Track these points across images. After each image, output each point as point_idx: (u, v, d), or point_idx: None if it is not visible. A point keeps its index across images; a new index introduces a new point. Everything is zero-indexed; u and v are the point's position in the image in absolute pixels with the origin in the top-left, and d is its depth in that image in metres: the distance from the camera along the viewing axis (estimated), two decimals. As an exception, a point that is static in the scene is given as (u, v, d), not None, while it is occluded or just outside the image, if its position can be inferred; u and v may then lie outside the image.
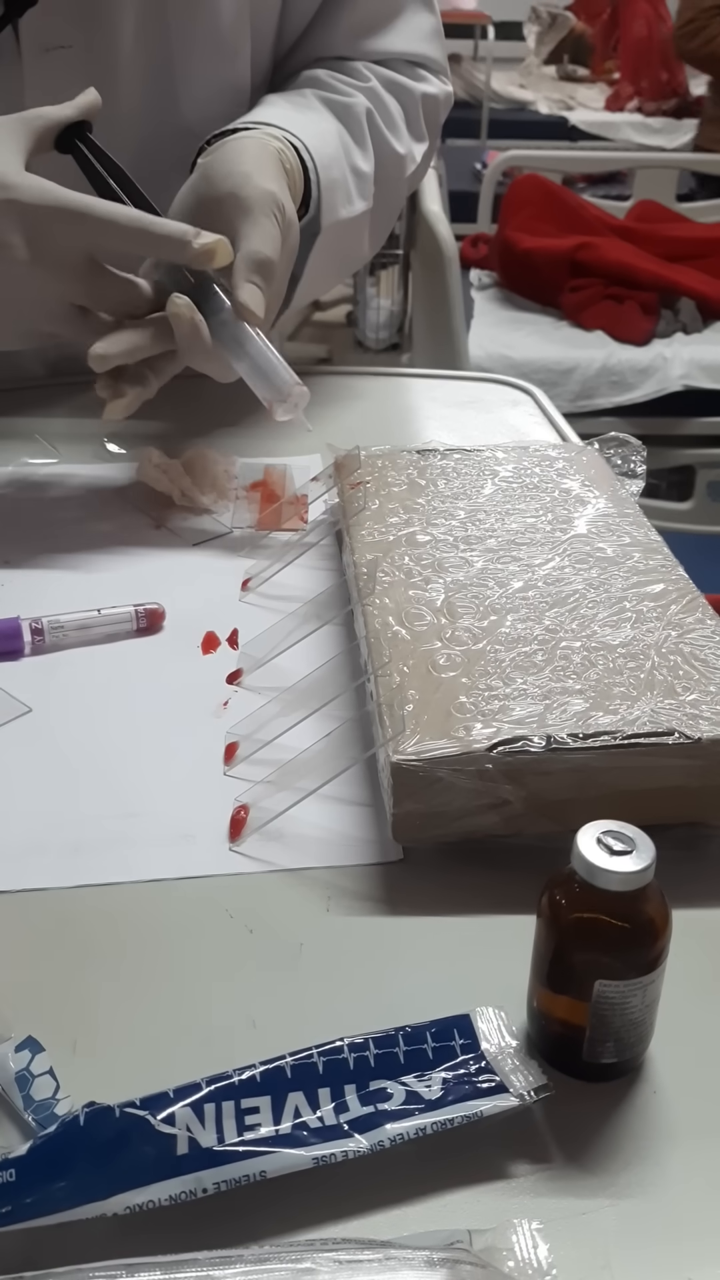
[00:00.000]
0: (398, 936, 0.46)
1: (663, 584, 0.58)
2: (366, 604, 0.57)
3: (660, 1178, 0.37)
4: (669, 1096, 0.39)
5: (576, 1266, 0.34)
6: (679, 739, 0.47)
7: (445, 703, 0.49)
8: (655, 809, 0.48)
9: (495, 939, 0.45)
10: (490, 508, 0.66)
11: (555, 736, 0.47)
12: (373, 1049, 0.38)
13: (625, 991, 0.38)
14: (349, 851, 0.49)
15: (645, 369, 2.29)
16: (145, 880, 0.48)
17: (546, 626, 0.55)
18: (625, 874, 0.37)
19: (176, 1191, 0.34)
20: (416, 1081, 0.37)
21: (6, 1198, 0.33)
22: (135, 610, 0.62)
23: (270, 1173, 0.35)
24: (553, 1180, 0.37)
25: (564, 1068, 0.40)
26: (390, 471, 0.70)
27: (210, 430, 0.84)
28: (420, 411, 0.90)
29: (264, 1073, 0.37)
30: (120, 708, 0.57)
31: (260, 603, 0.66)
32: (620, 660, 0.52)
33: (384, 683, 0.51)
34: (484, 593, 0.57)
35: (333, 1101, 0.37)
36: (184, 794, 0.52)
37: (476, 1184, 0.36)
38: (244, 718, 0.55)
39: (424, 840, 0.49)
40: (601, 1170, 0.37)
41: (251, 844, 0.49)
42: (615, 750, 0.47)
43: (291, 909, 0.46)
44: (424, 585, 0.58)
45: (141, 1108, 0.35)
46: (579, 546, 0.62)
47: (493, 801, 0.47)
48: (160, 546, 0.71)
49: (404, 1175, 0.36)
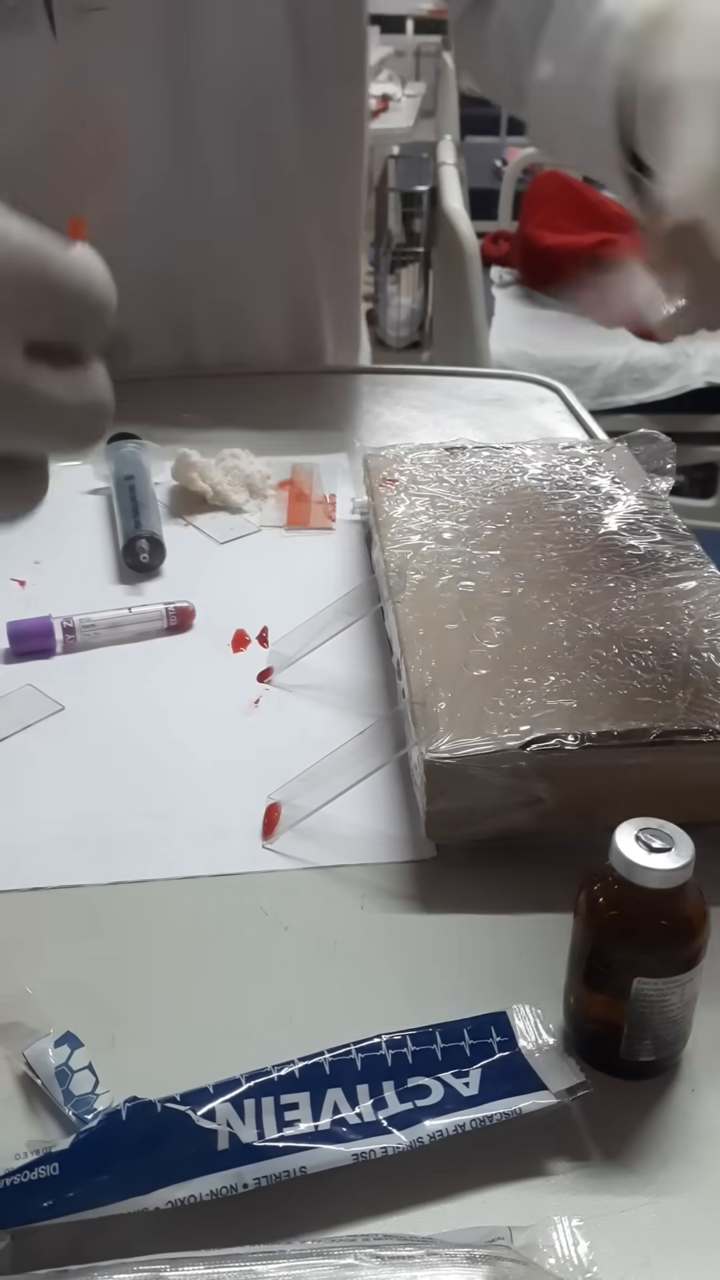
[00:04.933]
0: (433, 934, 0.46)
1: (695, 581, 0.58)
2: (397, 602, 0.57)
3: (699, 1176, 0.37)
4: (707, 1095, 0.39)
5: (616, 1264, 0.34)
6: (713, 737, 0.47)
7: (478, 701, 0.49)
8: (689, 807, 0.48)
9: (530, 937, 0.45)
10: (520, 505, 0.66)
11: (588, 734, 0.47)
12: (410, 1046, 0.38)
13: (664, 989, 0.38)
14: (382, 849, 0.49)
15: (668, 366, 2.28)
16: (179, 877, 0.48)
17: (578, 624, 0.54)
18: (664, 871, 0.37)
19: (218, 1186, 0.34)
20: (454, 1079, 0.37)
21: (49, 1191, 0.33)
22: (166, 609, 0.63)
23: (310, 1168, 0.35)
24: (592, 1178, 0.37)
25: (601, 1066, 0.39)
26: (419, 469, 0.70)
27: (241, 430, 0.84)
28: (447, 409, 0.90)
29: (303, 1069, 0.37)
30: (151, 705, 0.58)
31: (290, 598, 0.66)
32: (653, 658, 0.52)
33: (416, 681, 0.51)
34: (515, 590, 0.57)
35: (371, 1098, 0.37)
36: (216, 791, 0.52)
37: (516, 1181, 0.36)
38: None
39: (457, 838, 0.49)
40: (640, 1168, 0.37)
41: (284, 841, 0.50)
42: (648, 748, 0.47)
43: (326, 906, 0.47)
44: (454, 583, 0.58)
45: (182, 1103, 0.35)
46: (610, 544, 0.61)
47: (526, 799, 0.47)
48: (191, 545, 0.71)
49: (443, 1172, 0.36)
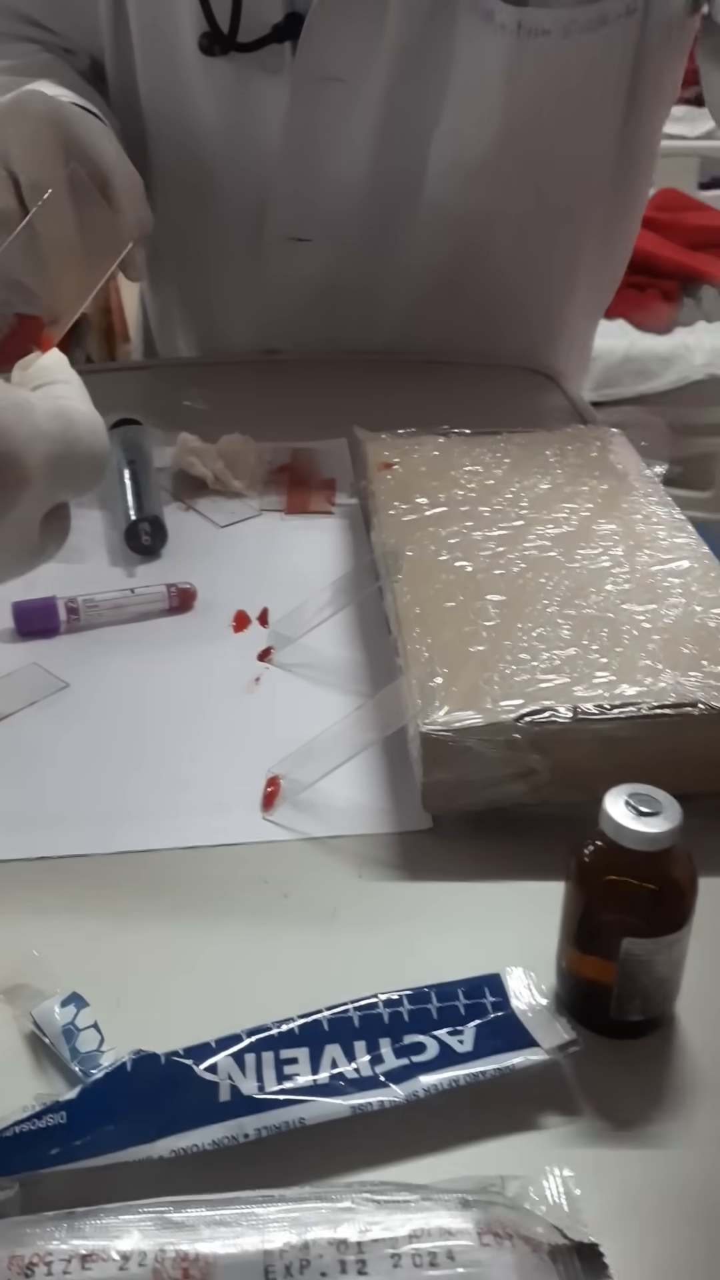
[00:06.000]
0: (428, 901, 0.47)
1: (688, 561, 0.59)
2: (394, 582, 0.58)
3: (687, 1131, 0.38)
4: (696, 1054, 0.40)
5: (605, 1213, 0.35)
6: (704, 710, 0.48)
7: (473, 676, 0.51)
8: (680, 779, 0.48)
9: (523, 904, 0.46)
10: (516, 488, 0.67)
11: (581, 707, 0.48)
12: (406, 1005, 0.39)
13: (652, 950, 0.39)
14: (379, 820, 0.50)
15: (667, 357, 2.28)
16: (181, 847, 0.49)
17: (573, 602, 0.56)
18: (652, 834, 0.38)
19: (220, 1136, 0.35)
20: (449, 1036, 0.39)
21: (57, 1140, 0.34)
22: (168, 590, 0.64)
23: (309, 1120, 0.36)
24: (583, 1132, 0.38)
25: (593, 1025, 0.41)
26: (416, 454, 0.71)
27: (242, 416, 0.85)
28: (445, 396, 0.91)
29: (302, 1026, 0.38)
30: (154, 684, 0.59)
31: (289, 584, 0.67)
32: (646, 634, 0.53)
33: (412, 657, 0.52)
34: (510, 570, 0.58)
35: (369, 1054, 0.38)
36: (217, 766, 0.53)
37: (509, 1134, 0.38)
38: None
39: (453, 809, 0.50)
40: (630, 1123, 0.38)
41: (284, 814, 0.51)
42: (640, 720, 0.48)
43: (324, 875, 0.48)
44: (451, 563, 0.59)
45: (185, 1057, 0.37)
46: (604, 525, 0.62)
47: (520, 771, 0.48)
48: (191, 529, 0.72)
49: (438, 1125, 0.37)
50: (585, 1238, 0.34)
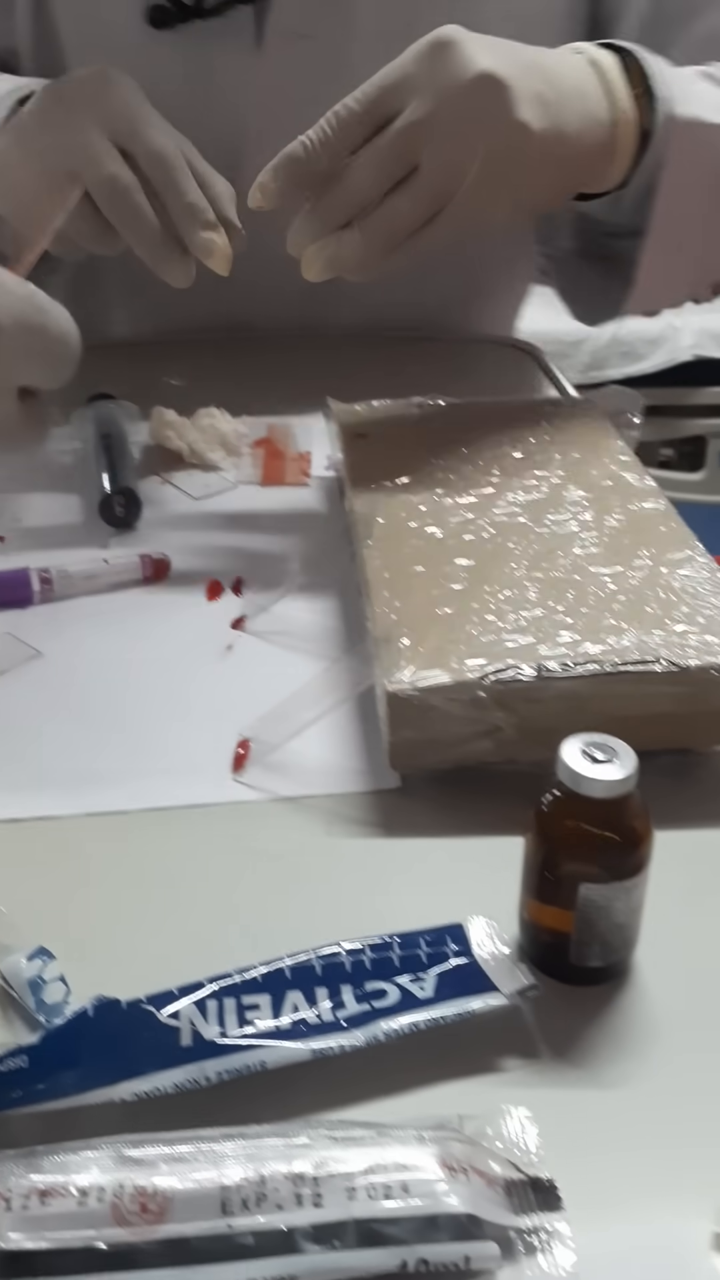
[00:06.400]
0: (395, 858, 0.47)
1: (657, 522, 0.59)
2: (364, 547, 0.58)
3: (645, 1071, 0.39)
4: (654, 998, 0.41)
5: (563, 1150, 0.36)
6: (666, 667, 0.49)
7: (440, 637, 0.51)
8: (644, 735, 0.49)
9: (489, 860, 0.46)
10: (487, 456, 0.67)
11: (545, 665, 0.49)
12: (369, 953, 0.40)
13: (609, 895, 0.39)
14: (349, 780, 0.51)
15: (655, 339, 2.29)
16: (151, 808, 0.49)
17: (540, 565, 0.56)
18: (608, 782, 0.38)
19: (181, 1080, 0.36)
20: (410, 982, 0.39)
21: (18, 1083, 0.35)
22: (142, 559, 0.64)
23: (270, 1064, 0.36)
24: (542, 1074, 0.38)
25: (554, 973, 0.41)
26: (389, 424, 0.71)
27: (218, 389, 0.85)
28: (425, 371, 0.92)
29: (264, 974, 0.39)
30: (126, 652, 0.59)
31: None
32: (612, 595, 0.54)
33: (380, 619, 0.53)
34: (480, 535, 0.59)
35: (330, 1000, 0.38)
36: (189, 730, 0.54)
37: (468, 1076, 0.38)
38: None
39: (420, 767, 0.50)
40: (589, 1065, 0.39)
41: (254, 775, 0.51)
42: (604, 678, 0.49)
43: (292, 833, 0.48)
44: (421, 529, 0.60)
45: (148, 1003, 0.37)
46: (575, 491, 0.63)
47: (486, 729, 0.49)
48: (167, 502, 0.73)
49: (398, 1069, 0.38)
50: (540, 1173, 0.34)
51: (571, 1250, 0.33)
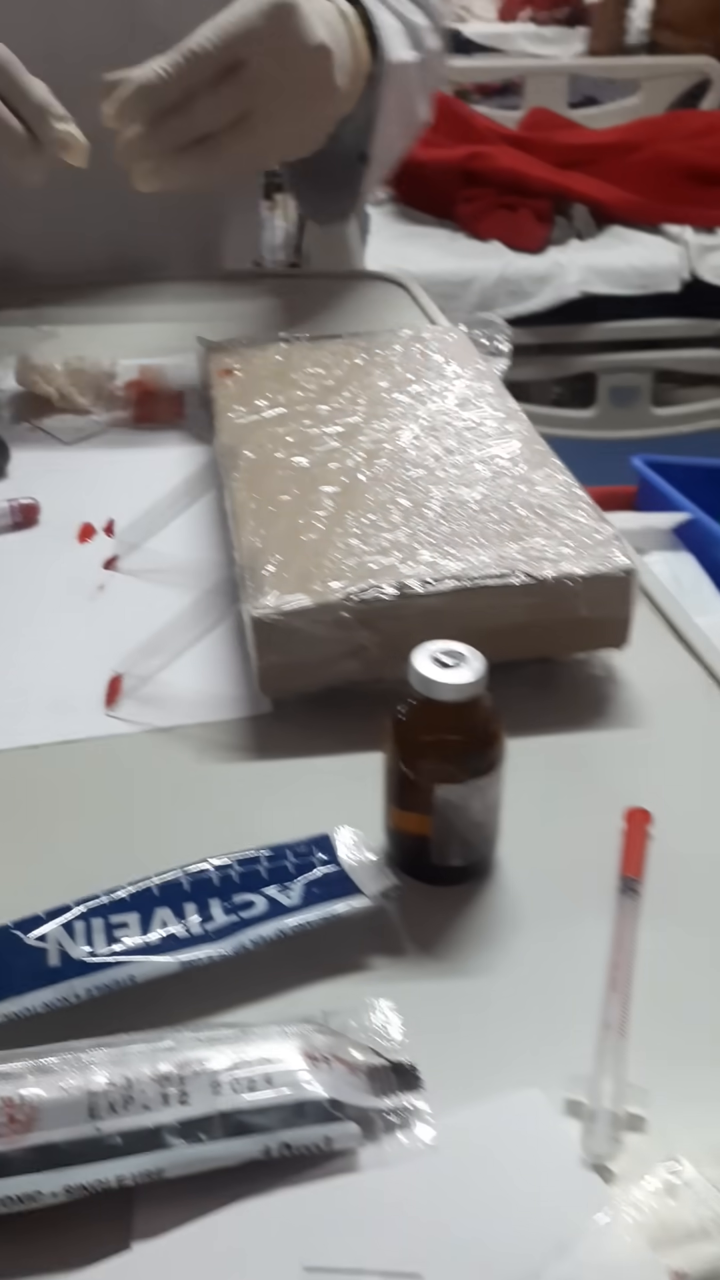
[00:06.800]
0: (267, 780, 0.48)
1: (519, 444, 0.60)
2: (230, 480, 0.59)
3: (504, 960, 0.40)
4: (514, 894, 0.43)
5: (427, 1037, 0.37)
6: (523, 580, 0.50)
7: (305, 563, 0.52)
8: (506, 647, 0.50)
9: (358, 776, 0.47)
10: (355, 387, 0.67)
11: (405, 583, 0.50)
12: (236, 868, 0.41)
13: (465, 795, 0.41)
14: (220, 708, 0.51)
15: (542, 277, 2.30)
16: (23, 746, 0.49)
17: (406, 490, 0.57)
18: (457, 685, 0.40)
19: (50, 999, 0.36)
20: (278, 892, 0.40)
21: None
22: (10, 505, 0.64)
23: (139, 978, 0.37)
24: (407, 969, 0.40)
25: (420, 875, 0.43)
26: (258, 359, 0.71)
27: (92, 340, 0.84)
28: (300, 308, 0.91)
29: (133, 894, 0.39)
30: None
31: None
32: (474, 516, 0.55)
33: (246, 548, 0.53)
34: (346, 463, 0.59)
35: (199, 914, 0.39)
36: (62, 670, 0.54)
37: (335, 977, 0.39)
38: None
39: (290, 691, 0.51)
40: (452, 958, 0.40)
41: (127, 709, 0.51)
42: (463, 593, 0.50)
43: (165, 763, 0.49)
44: (288, 460, 0.60)
45: (15, 928, 0.38)
46: (441, 419, 0.64)
47: (351, 649, 0.50)
48: (37, 446, 0.72)
49: (268, 975, 0.39)
50: (401, 1058, 0.36)
51: (431, 1125, 0.34)
